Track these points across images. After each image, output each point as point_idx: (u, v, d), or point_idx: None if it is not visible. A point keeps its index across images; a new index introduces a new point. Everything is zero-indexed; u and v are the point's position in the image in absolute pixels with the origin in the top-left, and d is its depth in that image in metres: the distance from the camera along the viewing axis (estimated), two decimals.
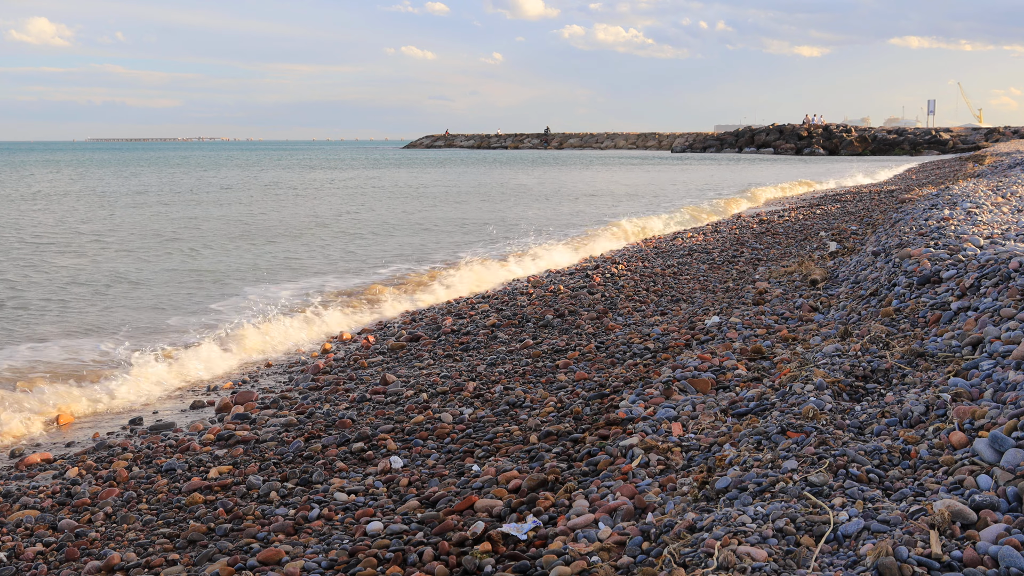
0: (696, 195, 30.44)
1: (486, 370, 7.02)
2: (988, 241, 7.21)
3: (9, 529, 4.47)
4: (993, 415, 3.64)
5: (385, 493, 4.63)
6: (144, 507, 4.68)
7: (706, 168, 58.42)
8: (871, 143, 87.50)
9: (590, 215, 23.40)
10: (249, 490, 4.79)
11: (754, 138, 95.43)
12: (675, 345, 7.03)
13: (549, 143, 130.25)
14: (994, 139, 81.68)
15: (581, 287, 10.68)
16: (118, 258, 15.05)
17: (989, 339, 4.71)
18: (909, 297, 6.28)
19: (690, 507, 3.59)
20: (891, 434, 3.92)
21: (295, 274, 13.48)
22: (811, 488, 3.38)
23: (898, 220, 11.72)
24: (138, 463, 5.42)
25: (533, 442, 5.10)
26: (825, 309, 7.46)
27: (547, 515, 3.92)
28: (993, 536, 2.78)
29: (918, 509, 3.03)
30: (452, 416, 5.79)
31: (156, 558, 3.97)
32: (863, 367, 4.94)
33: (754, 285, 9.41)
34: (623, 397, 5.60)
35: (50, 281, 12.44)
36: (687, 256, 13.29)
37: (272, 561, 3.81)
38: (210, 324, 9.54)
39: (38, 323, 9.74)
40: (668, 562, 3.03)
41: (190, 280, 12.79)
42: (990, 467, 3.25)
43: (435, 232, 19.53)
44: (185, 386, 7.54)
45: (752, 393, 4.99)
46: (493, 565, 3.51)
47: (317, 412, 6.17)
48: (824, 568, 2.80)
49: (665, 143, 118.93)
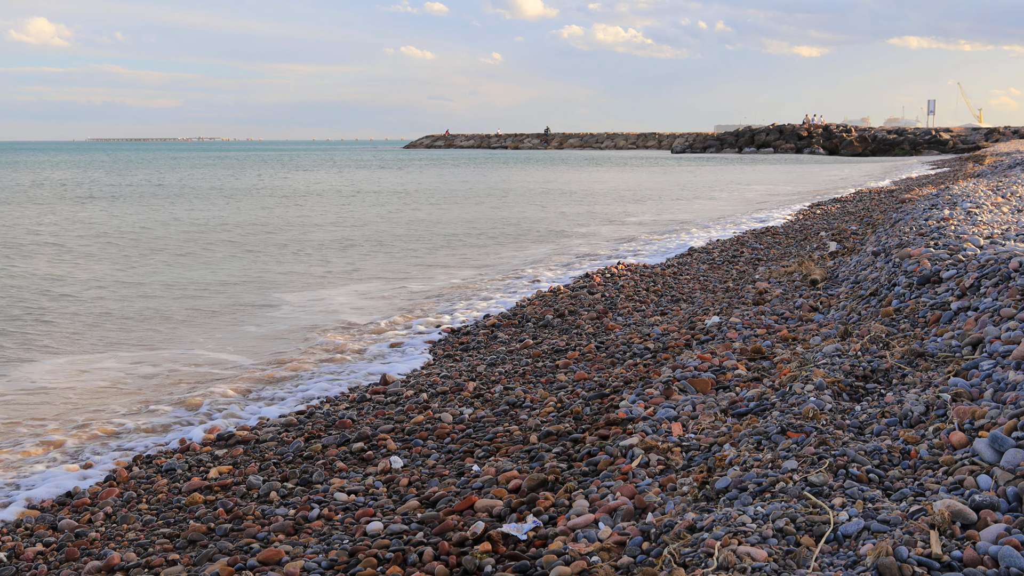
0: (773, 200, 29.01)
1: (486, 370, 7.02)
2: (988, 241, 7.21)
3: (9, 529, 4.47)
4: (993, 415, 3.64)
5: (385, 493, 4.63)
6: (144, 507, 4.68)
7: (731, 168, 57.28)
8: (871, 143, 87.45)
9: (729, 216, 22.46)
10: (249, 490, 4.79)
11: (754, 138, 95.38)
12: (675, 345, 7.03)
13: (549, 143, 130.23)
14: (994, 139, 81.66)
15: (581, 287, 10.68)
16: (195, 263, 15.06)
17: (989, 339, 4.71)
18: (909, 297, 6.28)
19: (690, 507, 3.59)
20: (891, 434, 3.92)
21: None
22: (811, 488, 3.38)
23: (898, 220, 11.72)
24: (138, 463, 5.42)
25: (533, 442, 5.09)
26: (825, 309, 7.46)
27: (547, 515, 3.92)
28: (993, 536, 2.78)
29: (918, 509, 3.03)
30: (452, 416, 5.79)
31: (156, 558, 3.97)
32: (863, 367, 4.94)
33: (754, 285, 9.41)
34: (623, 397, 5.60)
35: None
36: (687, 256, 13.29)
37: (272, 561, 3.81)
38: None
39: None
40: (668, 562, 3.03)
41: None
42: (990, 467, 3.25)
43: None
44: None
45: (752, 393, 4.99)
46: (493, 565, 3.51)
47: (317, 412, 6.17)
48: (824, 568, 2.80)
49: (665, 143, 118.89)
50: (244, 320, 9.97)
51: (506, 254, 15.54)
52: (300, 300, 11.16)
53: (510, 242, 17.41)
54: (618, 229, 19.79)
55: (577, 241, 17.52)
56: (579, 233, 19.03)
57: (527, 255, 15.35)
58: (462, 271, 13.63)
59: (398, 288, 12.08)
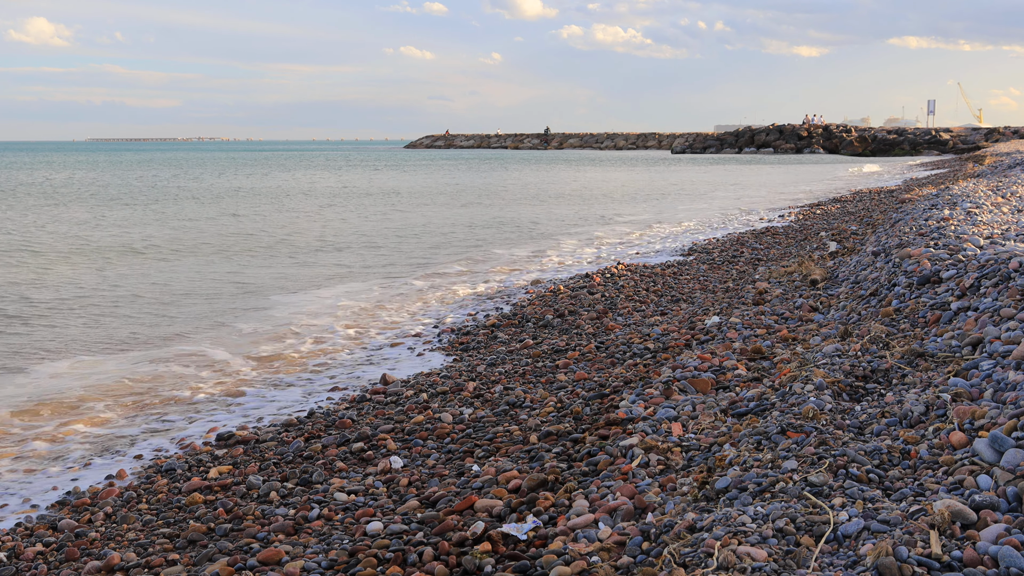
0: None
1: (486, 370, 7.02)
2: (988, 241, 7.21)
3: (8, 529, 4.47)
4: (993, 415, 3.64)
5: (385, 493, 4.63)
6: (144, 507, 4.68)
7: (741, 170, 56.99)
8: (871, 143, 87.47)
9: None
10: (249, 490, 4.79)
11: (754, 138, 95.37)
12: (675, 345, 7.02)
13: (549, 143, 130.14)
14: (994, 139, 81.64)
15: (581, 287, 10.67)
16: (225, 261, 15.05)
17: (989, 339, 4.71)
18: (909, 297, 6.28)
19: (690, 507, 3.59)
20: (891, 434, 3.92)
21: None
22: (811, 488, 3.38)
23: (898, 220, 11.72)
24: (138, 462, 5.42)
25: (533, 442, 5.09)
26: (825, 309, 7.46)
27: (547, 515, 3.92)
28: (993, 536, 2.78)
29: (918, 509, 3.03)
30: (452, 416, 5.79)
31: (156, 558, 3.97)
32: (863, 367, 4.94)
33: (754, 285, 9.41)
34: (623, 397, 5.60)
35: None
36: (687, 256, 13.29)
37: (272, 561, 3.81)
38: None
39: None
40: (668, 562, 3.03)
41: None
42: (990, 467, 3.25)
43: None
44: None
45: (752, 393, 4.99)
46: (493, 565, 3.51)
47: (317, 412, 6.17)
48: (824, 568, 2.80)
49: (665, 143, 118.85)
50: (244, 320, 9.96)
51: (506, 254, 15.54)
52: (299, 300, 11.16)
53: (510, 242, 17.41)
54: (618, 229, 19.79)
55: (578, 241, 17.52)
56: (580, 233, 19.03)
57: (527, 255, 15.34)
58: (463, 271, 13.62)
59: (398, 288, 12.07)
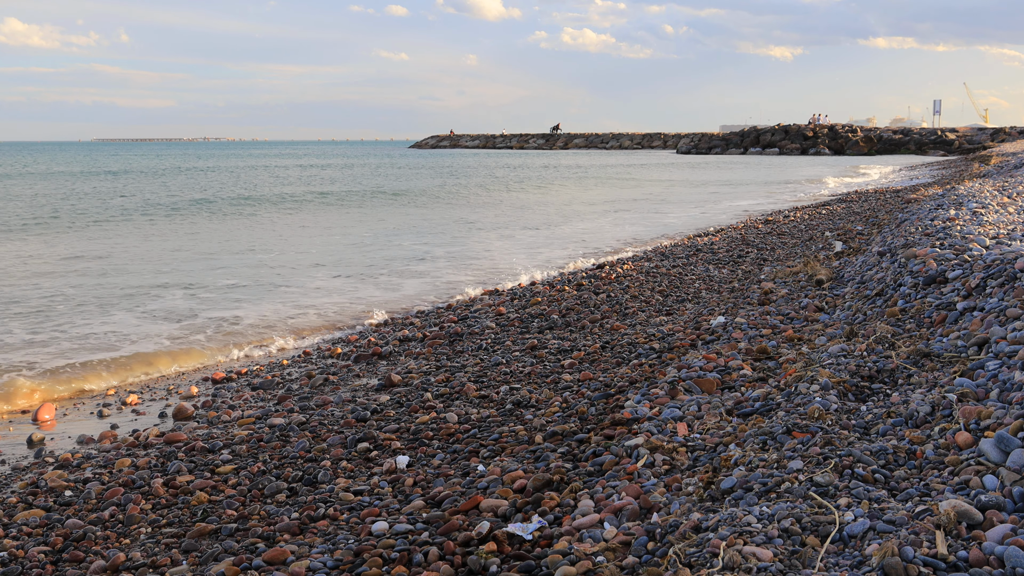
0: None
1: (491, 370, 7.02)
2: (994, 241, 7.20)
3: (12, 528, 4.47)
4: (999, 415, 3.63)
5: (390, 493, 4.64)
6: (149, 506, 4.68)
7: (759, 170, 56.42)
8: (876, 143, 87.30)
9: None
10: (254, 490, 4.80)
11: (759, 138, 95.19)
12: (680, 345, 7.02)
13: (554, 143, 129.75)
14: (1000, 139, 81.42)
15: (586, 287, 10.67)
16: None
17: (995, 339, 4.70)
18: (915, 297, 6.27)
19: (695, 507, 3.59)
20: (897, 434, 3.91)
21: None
22: (817, 488, 3.38)
23: (904, 220, 11.70)
24: (138, 461, 5.42)
25: (538, 442, 5.10)
26: (830, 309, 7.45)
27: (552, 515, 3.92)
28: (999, 536, 2.78)
29: (924, 509, 3.03)
30: (457, 416, 5.80)
31: (161, 558, 3.98)
32: (869, 367, 4.94)
33: (759, 285, 9.39)
34: (628, 397, 5.60)
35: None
36: (693, 256, 13.27)
37: (278, 561, 3.82)
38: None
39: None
40: (673, 562, 3.03)
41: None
42: (996, 467, 3.25)
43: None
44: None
45: (757, 393, 4.98)
46: (498, 565, 3.51)
47: (321, 411, 6.17)
48: (830, 568, 2.79)
49: (670, 143, 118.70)
50: (245, 320, 9.98)
51: (508, 254, 15.54)
52: (298, 300, 11.18)
53: (513, 242, 17.40)
54: (622, 229, 19.78)
55: (581, 241, 17.52)
56: (582, 232, 19.03)
57: (530, 255, 15.34)
58: (463, 271, 13.63)
59: (398, 288, 12.08)
